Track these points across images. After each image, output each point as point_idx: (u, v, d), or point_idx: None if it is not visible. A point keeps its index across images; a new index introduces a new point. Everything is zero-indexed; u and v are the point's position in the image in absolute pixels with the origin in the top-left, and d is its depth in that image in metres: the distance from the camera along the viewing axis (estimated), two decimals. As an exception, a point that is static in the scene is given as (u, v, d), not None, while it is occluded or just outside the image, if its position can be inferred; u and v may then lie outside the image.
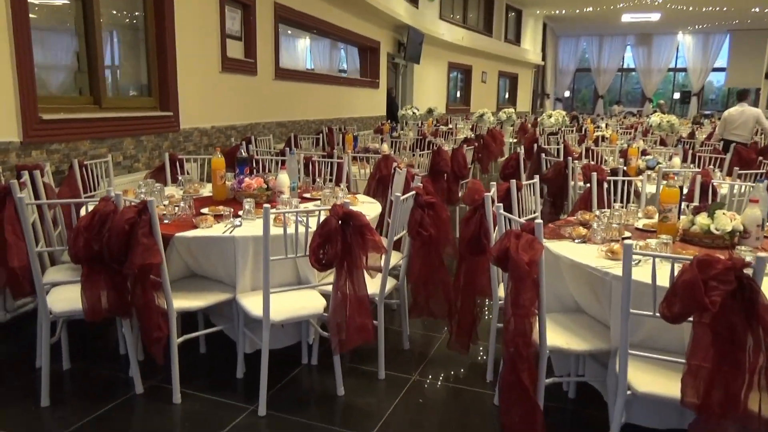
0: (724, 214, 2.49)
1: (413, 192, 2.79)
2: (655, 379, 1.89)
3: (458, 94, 15.69)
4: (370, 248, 2.34)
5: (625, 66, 22.37)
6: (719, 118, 16.73)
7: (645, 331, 2.05)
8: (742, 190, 3.63)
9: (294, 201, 2.96)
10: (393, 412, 2.46)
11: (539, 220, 2.03)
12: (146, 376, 2.58)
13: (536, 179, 3.35)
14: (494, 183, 2.96)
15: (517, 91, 18.71)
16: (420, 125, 9.62)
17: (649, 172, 4.44)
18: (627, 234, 2.61)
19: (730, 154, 6.34)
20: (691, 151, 5.71)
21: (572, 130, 9.71)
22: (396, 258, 2.98)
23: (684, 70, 21.11)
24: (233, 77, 5.69)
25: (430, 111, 12.13)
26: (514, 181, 3.07)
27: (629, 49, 21.80)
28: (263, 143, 5.79)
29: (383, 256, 2.46)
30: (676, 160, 4.67)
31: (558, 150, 6.08)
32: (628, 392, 1.89)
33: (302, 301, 2.52)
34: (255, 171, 3.98)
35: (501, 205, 2.41)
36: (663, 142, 7.85)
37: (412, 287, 2.91)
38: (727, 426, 1.66)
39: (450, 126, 9.60)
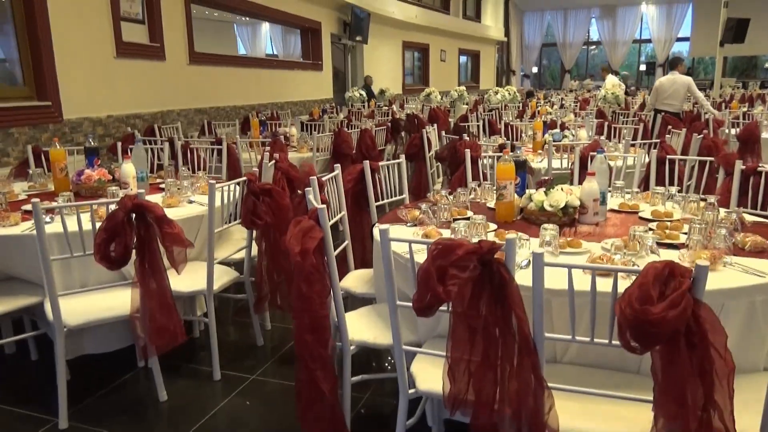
0: (561, 189, 2.32)
1: (244, 179, 2.59)
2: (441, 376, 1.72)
3: (416, 74, 15.41)
4: (168, 242, 2.15)
5: (590, 39, 22.17)
6: (705, 89, 16.72)
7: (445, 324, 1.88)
8: (634, 162, 3.48)
9: (126, 192, 2.75)
10: (213, 416, 2.29)
11: (322, 206, 1.85)
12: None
13: (402, 158, 3.17)
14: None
15: (479, 69, 18.45)
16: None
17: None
18: (468, 215, 2.44)
19: (658, 125, 6.21)
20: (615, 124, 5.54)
21: (518, 107, 9.53)
22: (230, 250, 2.80)
23: (649, 41, 20.96)
24: (133, 63, 5.42)
25: (381, 92, 11.91)
26: (368, 162, 2.88)
27: (594, 22, 21.58)
28: (169, 132, 5.54)
29: (188, 250, 2.26)
30: (582, 133, 4.51)
31: (478, 127, 5.92)
32: (411, 390, 1.73)
33: (114, 301, 2.32)
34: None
35: (310, 189, 2.22)
36: (602, 115, 7.69)
37: (256, 280, 2.72)
38: (498, 420, 1.50)
39: (392, 107, 9.36)
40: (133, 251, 2.13)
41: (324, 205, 1.85)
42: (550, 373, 1.65)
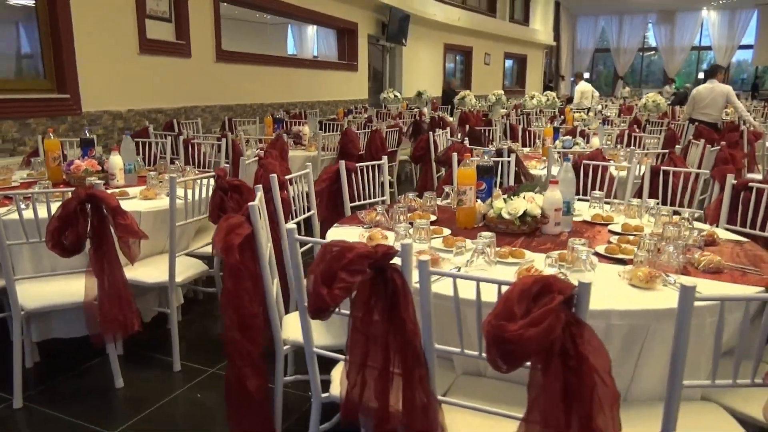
0: (523, 197, 2.23)
1: (212, 174, 2.61)
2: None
3: (458, 77, 15.25)
4: (121, 232, 2.19)
5: (646, 45, 21.37)
6: (746, 98, 15.86)
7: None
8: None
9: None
10: (160, 407, 2.32)
11: (253, 203, 1.83)
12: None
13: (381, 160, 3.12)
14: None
15: (526, 73, 18.09)
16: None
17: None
18: (431, 219, 2.37)
19: (691, 135, 5.90)
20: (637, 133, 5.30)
21: (554, 113, 9.29)
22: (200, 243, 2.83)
23: (709, 48, 20.01)
24: (157, 59, 5.58)
25: (419, 94, 11.85)
26: (343, 162, 2.86)
27: (650, 28, 20.79)
28: (188, 127, 5.67)
29: (140, 241, 2.29)
30: (595, 141, 4.33)
31: (492, 131, 5.79)
32: (325, 394, 1.69)
33: (74, 288, 2.38)
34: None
35: (259, 186, 2.21)
36: (638, 123, 7.38)
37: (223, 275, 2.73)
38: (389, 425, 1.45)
39: (422, 109, 9.28)
40: (88, 240, 2.19)
41: (255, 203, 1.84)
42: (473, 387, 1.59)
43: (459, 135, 5.07)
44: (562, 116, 8.04)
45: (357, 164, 2.95)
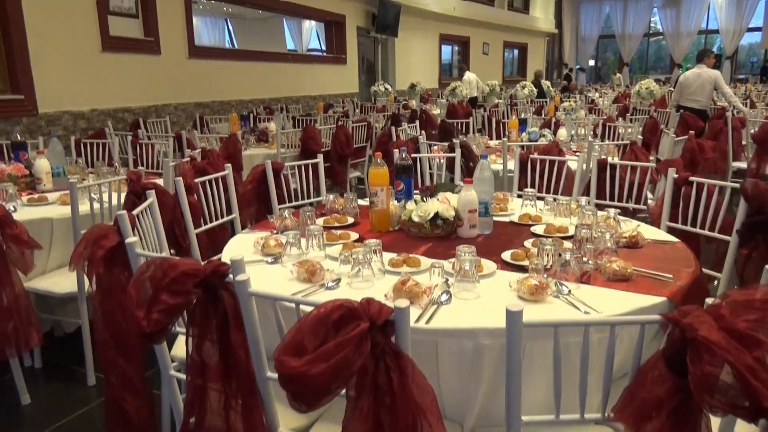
0: (437, 199, 2.08)
1: (124, 177, 2.49)
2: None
3: (454, 68, 15.01)
4: (10, 242, 2.07)
5: (652, 30, 20.89)
6: (755, 82, 15.40)
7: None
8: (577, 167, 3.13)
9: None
10: (68, 422, 2.20)
11: (122, 212, 1.70)
12: None
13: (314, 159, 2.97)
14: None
15: (526, 62, 17.77)
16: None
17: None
18: (347, 222, 2.23)
19: (676, 123, 5.68)
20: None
21: (545, 102, 9.04)
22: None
23: (716, 31, 19.48)
24: (123, 57, 5.47)
25: (412, 86, 11.65)
26: (269, 162, 2.72)
27: (656, 12, 20.31)
28: (156, 126, 5.56)
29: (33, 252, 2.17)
30: (562, 132, 4.14)
31: (467, 124, 5.61)
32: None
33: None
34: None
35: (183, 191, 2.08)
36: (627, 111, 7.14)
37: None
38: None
39: (409, 102, 9.10)
40: (-22, 251, 2.08)
41: (123, 211, 1.70)
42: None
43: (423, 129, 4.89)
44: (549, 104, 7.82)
45: (289, 164, 2.81)
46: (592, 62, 22.22)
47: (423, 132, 4.90)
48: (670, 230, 2.30)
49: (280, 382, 0.94)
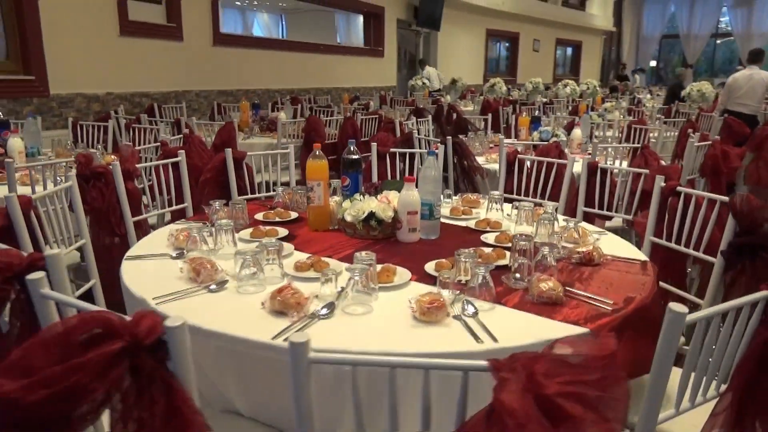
0: (377, 197, 1.87)
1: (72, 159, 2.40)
2: None
3: (502, 64, 14.56)
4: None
5: (720, 31, 19.66)
6: None
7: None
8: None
9: None
10: None
11: (10, 195, 1.58)
12: None
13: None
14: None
15: (580, 61, 17.06)
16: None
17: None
18: (291, 217, 2.06)
19: (718, 129, 5.22)
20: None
21: (588, 103, 8.57)
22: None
23: (792, 34, 18.13)
24: (142, 42, 5.47)
25: (453, 82, 11.34)
26: (230, 150, 2.57)
27: (725, 12, 19.09)
28: (171, 112, 5.54)
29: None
30: (577, 132, 3.81)
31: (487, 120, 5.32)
32: None
33: None
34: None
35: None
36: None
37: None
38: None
39: (445, 97, 8.82)
40: None
41: (12, 194, 1.59)
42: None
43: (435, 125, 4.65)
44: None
45: (261, 153, 2.66)
46: (653, 63, 21.14)
47: (435, 126, 4.67)
48: (655, 247, 2.01)
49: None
